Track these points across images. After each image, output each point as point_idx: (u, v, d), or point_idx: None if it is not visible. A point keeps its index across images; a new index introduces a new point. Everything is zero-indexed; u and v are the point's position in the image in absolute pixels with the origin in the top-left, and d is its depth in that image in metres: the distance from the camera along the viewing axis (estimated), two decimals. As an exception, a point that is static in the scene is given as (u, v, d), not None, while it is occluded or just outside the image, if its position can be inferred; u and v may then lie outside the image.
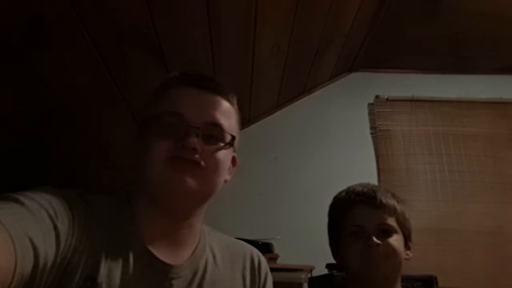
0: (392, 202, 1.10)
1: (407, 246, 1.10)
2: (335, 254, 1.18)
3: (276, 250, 1.81)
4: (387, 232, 1.06)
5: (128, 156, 0.91)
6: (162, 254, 0.75)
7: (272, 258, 1.74)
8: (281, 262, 1.75)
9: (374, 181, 2.26)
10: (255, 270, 0.89)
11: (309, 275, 1.77)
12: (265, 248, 1.75)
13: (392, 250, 1.04)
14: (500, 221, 2.19)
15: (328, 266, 1.76)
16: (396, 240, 1.06)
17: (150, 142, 0.76)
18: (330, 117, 2.50)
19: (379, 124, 2.47)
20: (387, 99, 2.52)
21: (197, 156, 0.74)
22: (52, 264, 0.61)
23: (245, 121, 2.39)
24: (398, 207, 1.10)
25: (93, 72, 1.39)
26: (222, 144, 0.79)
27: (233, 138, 0.81)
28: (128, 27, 1.33)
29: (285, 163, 2.35)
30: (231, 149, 0.83)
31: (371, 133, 2.46)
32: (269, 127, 2.46)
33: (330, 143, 2.42)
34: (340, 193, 1.19)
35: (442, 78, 2.58)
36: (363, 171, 2.26)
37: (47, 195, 0.66)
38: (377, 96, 2.53)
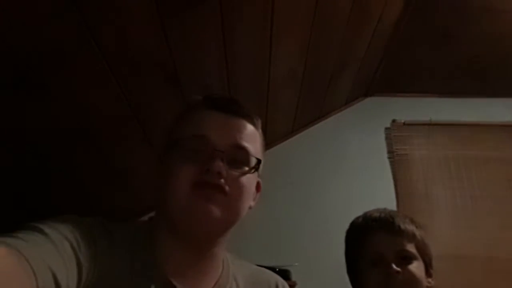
0: (411, 228, 1.07)
1: (428, 273, 1.07)
2: (353, 282, 1.15)
3: (294, 277, 1.77)
4: (407, 259, 1.03)
5: (149, 181, 0.89)
6: (184, 286, 0.73)
7: (290, 286, 1.69)
8: (299, 290, 1.71)
9: (393, 206, 2.21)
10: None
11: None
12: (282, 275, 1.68)
13: (413, 278, 1.01)
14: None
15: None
16: (416, 267, 1.03)
17: (173, 167, 0.74)
18: (347, 142, 2.48)
19: (396, 149, 2.43)
20: (404, 123, 2.49)
21: (222, 180, 0.72)
22: None
23: (261, 146, 2.39)
24: (418, 232, 1.08)
25: (111, 99, 1.41)
26: (247, 169, 0.77)
27: (259, 161, 0.80)
28: (146, 56, 1.35)
29: (302, 189, 2.32)
30: (256, 173, 0.81)
31: (389, 158, 2.43)
32: (285, 152, 2.44)
33: (347, 168, 2.39)
34: (357, 219, 1.17)
35: (460, 102, 2.55)
36: (381, 196, 2.22)
37: (70, 225, 0.65)
38: (393, 121, 2.50)
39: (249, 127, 0.82)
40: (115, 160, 1.67)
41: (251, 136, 0.81)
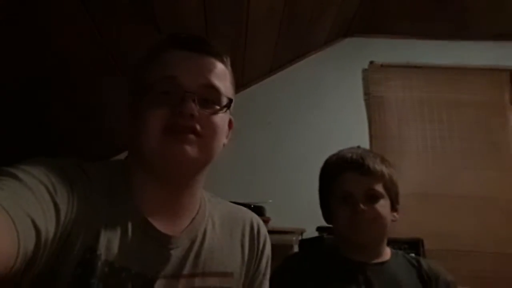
0: (380, 167, 1.13)
1: (394, 209, 1.16)
2: (325, 216, 1.24)
3: (268, 213, 1.85)
4: (374, 197, 1.11)
5: (120, 124, 0.88)
6: (161, 224, 0.75)
7: (263, 221, 1.76)
8: (272, 225, 1.79)
9: (366, 146, 2.26)
10: (254, 238, 0.90)
11: (299, 238, 1.81)
12: (257, 211, 1.74)
13: (378, 215, 1.09)
14: (488, 187, 2.24)
15: (319, 229, 1.80)
16: (382, 205, 1.11)
17: (144, 112, 0.74)
18: (324, 82, 2.49)
19: (372, 90, 2.46)
20: (381, 65, 2.50)
21: (194, 122, 0.73)
22: (52, 239, 0.62)
23: (238, 86, 2.38)
24: (386, 171, 1.14)
25: (86, 38, 1.37)
26: (218, 108, 0.77)
27: (230, 100, 0.80)
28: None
29: (278, 128, 2.36)
30: (228, 112, 0.81)
31: (365, 99, 2.46)
32: (263, 92, 2.45)
33: (323, 108, 2.42)
34: (331, 157, 1.22)
35: (438, 44, 2.55)
36: (355, 137, 2.27)
37: (45, 168, 0.65)
38: (371, 62, 2.51)
39: (219, 66, 0.80)
40: (89, 100, 1.65)
41: (221, 75, 0.80)
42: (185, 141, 0.72)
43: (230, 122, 0.85)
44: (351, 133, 2.32)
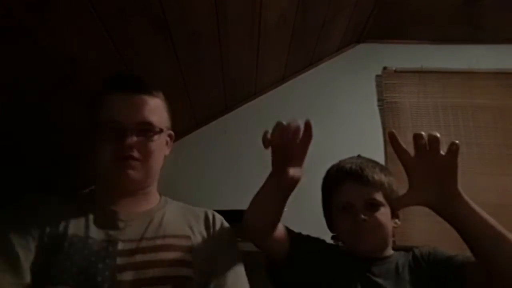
0: (379, 177, 1.16)
1: (394, 215, 1.19)
2: (329, 226, 1.28)
3: (282, 222, 1.82)
4: (374, 206, 1.14)
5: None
6: (117, 208, 1.01)
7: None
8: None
9: (380, 153, 2.25)
10: (208, 218, 1.10)
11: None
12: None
13: (379, 224, 1.12)
14: (505, 194, 2.19)
15: (334, 237, 1.77)
16: (383, 214, 1.14)
17: (98, 146, 1.00)
18: (337, 89, 2.47)
19: (386, 96, 2.44)
20: (395, 71, 2.48)
21: (134, 150, 0.98)
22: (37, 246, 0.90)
23: (251, 94, 2.38)
24: (386, 180, 1.17)
25: (97, 44, 1.38)
26: (152, 134, 1.02)
27: (161, 130, 1.04)
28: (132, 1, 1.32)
29: (291, 136, 2.34)
30: (163, 135, 1.06)
31: (379, 106, 2.44)
32: (276, 99, 2.44)
33: (337, 115, 2.40)
34: (331, 168, 1.27)
35: (452, 49, 2.52)
36: (369, 144, 2.25)
37: (10, 227, 0.90)
38: (385, 68, 2.49)
39: (151, 102, 1.04)
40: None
41: (154, 109, 1.04)
42: (128, 166, 0.99)
43: (170, 136, 1.13)
44: (366, 140, 2.29)
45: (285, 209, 1.86)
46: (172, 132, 1.13)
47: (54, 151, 1.70)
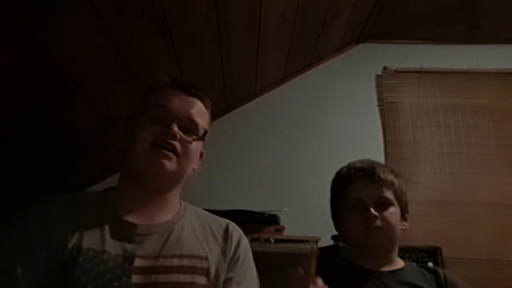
0: (390, 177, 1.18)
1: (403, 218, 1.20)
2: (337, 226, 1.28)
3: (283, 222, 1.83)
4: (384, 204, 1.15)
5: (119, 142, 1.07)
6: (134, 219, 0.95)
7: (278, 230, 1.75)
8: (287, 234, 1.77)
9: (381, 153, 2.26)
10: (228, 234, 1.04)
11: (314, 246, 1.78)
12: (271, 220, 1.76)
13: (389, 222, 1.13)
14: (506, 194, 2.19)
15: (334, 237, 1.78)
16: (392, 213, 1.15)
17: (138, 128, 0.96)
18: (337, 89, 2.47)
19: (386, 96, 2.44)
20: (395, 71, 2.48)
21: (176, 142, 0.95)
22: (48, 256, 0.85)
23: (251, 94, 2.38)
24: (396, 181, 1.19)
25: (97, 45, 1.38)
26: (195, 137, 1.01)
27: (205, 131, 1.04)
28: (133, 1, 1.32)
29: (291, 136, 2.34)
30: (201, 143, 1.05)
31: (379, 106, 2.44)
32: (276, 100, 2.44)
33: (337, 115, 2.40)
34: (342, 169, 1.28)
35: (452, 49, 2.52)
36: (370, 144, 2.26)
37: (17, 247, 0.86)
38: (385, 68, 2.49)
39: (201, 105, 1.05)
40: (108, 110, 1.67)
41: (201, 113, 1.04)
42: (166, 157, 0.94)
43: (201, 154, 1.09)
44: (366, 140, 2.29)
45: (284, 209, 1.88)
46: (203, 151, 1.10)
47: (54, 151, 1.70)
